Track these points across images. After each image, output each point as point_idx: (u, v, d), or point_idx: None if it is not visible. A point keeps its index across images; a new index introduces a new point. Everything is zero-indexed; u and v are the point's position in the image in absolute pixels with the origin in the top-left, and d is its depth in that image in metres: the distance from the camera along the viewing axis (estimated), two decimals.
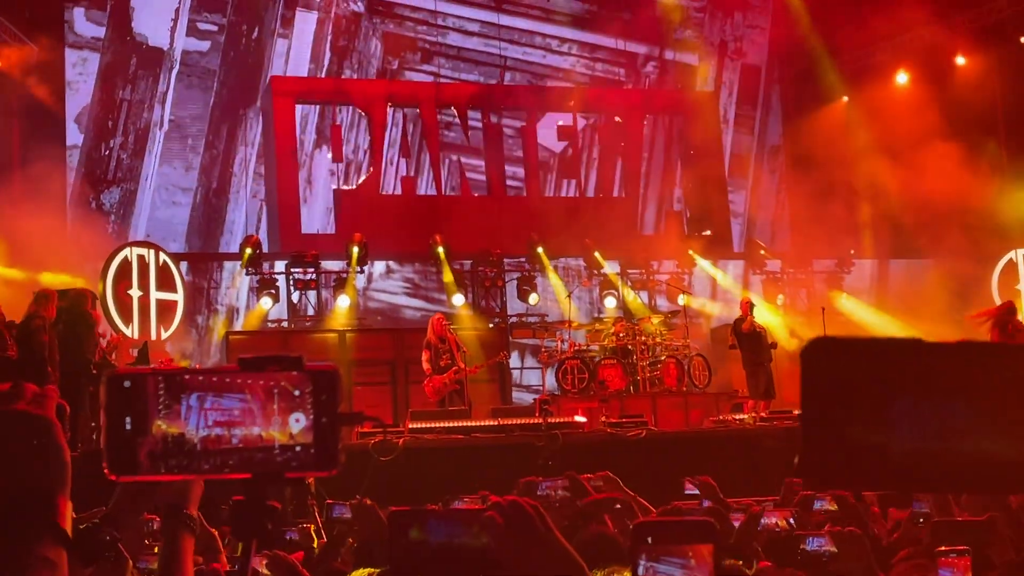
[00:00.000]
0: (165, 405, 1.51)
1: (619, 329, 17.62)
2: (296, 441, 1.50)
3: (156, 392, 1.52)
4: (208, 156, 21.18)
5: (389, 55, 22.48)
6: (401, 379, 17.15)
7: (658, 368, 17.34)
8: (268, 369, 1.52)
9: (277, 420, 1.50)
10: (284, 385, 1.50)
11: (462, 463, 12.15)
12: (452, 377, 14.83)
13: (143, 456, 1.52)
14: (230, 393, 1.50)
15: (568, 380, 16.70)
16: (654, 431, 13.99)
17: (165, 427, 1.51)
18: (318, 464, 1.50)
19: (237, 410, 1.50)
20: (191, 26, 21.30)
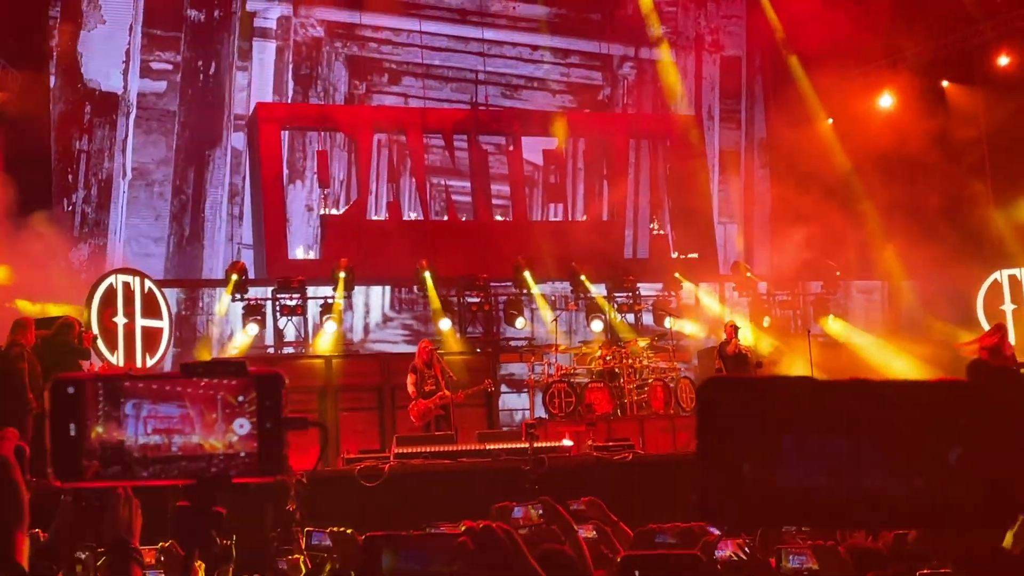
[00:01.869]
0: (104, 412, 1.49)
1: (606, 352, 17.63)
2: (240, 447, 1.48)
3: (95, 399, 1.50)
4: (177, 203, 20.64)
5: (355, 79, 22.21)
6: (388, 405, 17.09)
7: (645, 391, 17.34)
8: (211, 375, 1.50)
9: (221, 426, 1.48)
10: (228, 391, 1.48)
11: (448, 488, 12.10)
12: (437, 403, 14.79)
13: (87, 463, 1.49)
14: (170, 400, 1.48)
15: (555, 404, 16.69)
16: (641, 454, 13.96)
17: (104, 434, 1.48)
18: (263, 469, 1.48)
19: (177, 417, 1.48)
20: (144, 67, 20.63)
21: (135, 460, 1.50)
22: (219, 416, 1.50)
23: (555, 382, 17.01)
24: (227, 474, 1.50)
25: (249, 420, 1.50)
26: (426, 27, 22.45)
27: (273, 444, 1.50)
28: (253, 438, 1.49)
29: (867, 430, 1.04)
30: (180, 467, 1.50)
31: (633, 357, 17.84)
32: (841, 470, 1.03)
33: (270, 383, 1.51)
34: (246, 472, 1.50)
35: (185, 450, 1.50)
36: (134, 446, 1.50)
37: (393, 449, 13.28)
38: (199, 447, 1.49)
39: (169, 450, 1.50)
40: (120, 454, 1.50)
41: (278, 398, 1.50)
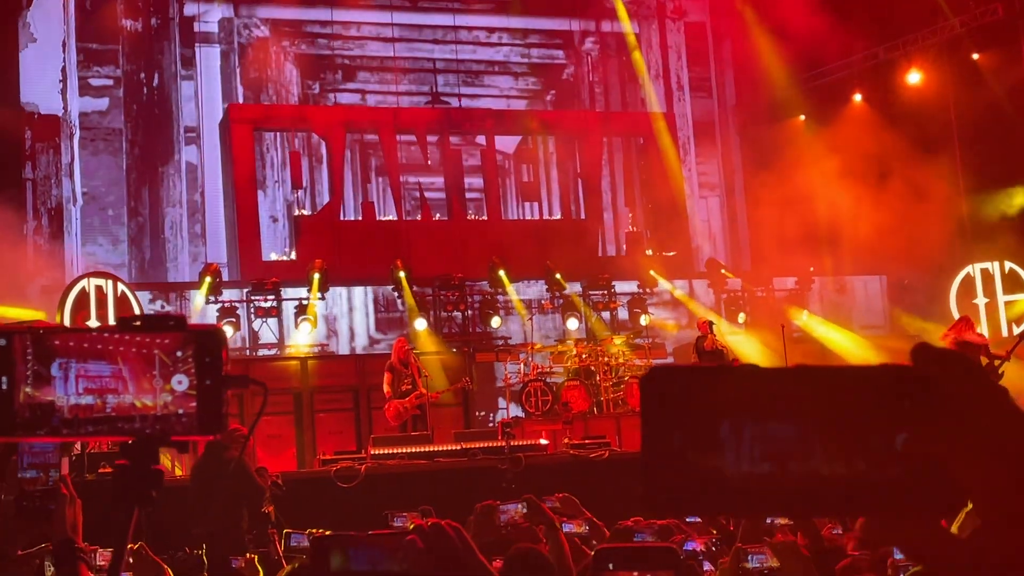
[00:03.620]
0: (33, 371, 1.47)
1: (582, 351, 17.65)
2: (179, 404, 1.45)
3: (24, 355, 1.47)
4: (134, 225, 19.90)
5: (307, 79, 21.69)
6: (364, 405, 17.06)
7: (621, 389, 17.37)
8: (149, 328, 1.47)
9: (158, 382, 1.46)
10: (165, 346, 1.46)
11: (425, 488, 12.08)
12: (413, 402, 14.76)
13: (25, 415, 1.47)
14: (104, 358, 1.46)
15: (531, 403, 16.69)
16: (617, 452, 13.98)
17: (33, 394, 1.46)
18: (202, 427, 1.46)
19: (111, 376, 1.46)
20: (83, 84, 19.70)
21: (66, 422, 1.47)
22: (156, 373, 1.47)
23: (531, 381, 17.01)
24: (166, 432, 1.47)
25: (188, 377, 1.47)
26: (377, 17, 21.79)
27: (213, 402, 1.47)
28: (192, 395, 1.47)
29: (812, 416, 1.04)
30: (116, 427, 1.48)
31: (609, 355, 17.86)
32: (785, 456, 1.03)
33: (210, 338, 1.48)
34: (185, 430, 1.48)
35: (119, 410, 1.47)
36: (65, 407, 1.47)
37: (370, 450, 13.27)
38: (134, 407, 1.47)
39: (103, 410, 1.47)
40: (50, 415, 1.47)
41: (218, 354, 1.48)
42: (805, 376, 1.05)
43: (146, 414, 1.47)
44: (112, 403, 1.46)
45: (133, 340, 1.47)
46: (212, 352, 1.48)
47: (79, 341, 1.48)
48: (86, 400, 1.47)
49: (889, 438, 1.03)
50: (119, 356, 1.47)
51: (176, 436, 1.48)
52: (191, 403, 1.47)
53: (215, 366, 1.47)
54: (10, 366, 1.47)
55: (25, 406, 1.47)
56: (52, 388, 1.47)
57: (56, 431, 1.48)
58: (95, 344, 1.47)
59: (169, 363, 1.47)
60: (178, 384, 1.47)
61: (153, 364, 1.47)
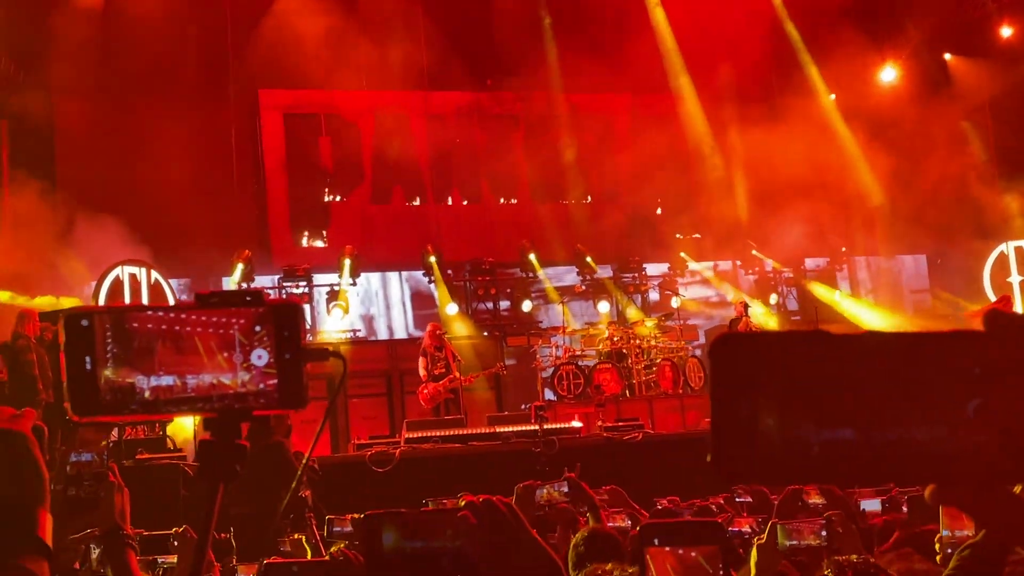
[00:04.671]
0: (113, 353, 1.47)
1: (613, 333, 17.63)
2: (259, 379, 1.46)
3: (104, 337, 1.48)
4: None
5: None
6: (397, 390, 17.12)
7: (653, 371, 17.35)
8: (227, 303, 1.48)
9: (238, 358, 1.46)
10: (244, 321, 1.46)
11: (459, 471, 12.12)
12: (447, 386, 14.81)
13: (107, 397, 1.47)
14: (182, 337, 1.46)
15: (563, 386, 16.70)
16: (651, 434, 13.97)
17: (113, 376, 1.47)
18: (283, 401, 1.46)
19: (188, 355, 1.46)
20: None
21: (146, 403, 1.48)
22: (236, 349, 1.47)
23: (563, 364, 17.02)
24: (248, 408, 1.48)
25: (267, 352, 1.48)
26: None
27: (293, 376, 1.47)
28: (272, 369, 1.47)
29: (884, 382, 1.03)
30: (196, 406, 1.49)
31: (640, 337, 17.84)
32: (869, 423, 1.02)
33: (288, 312, 1.48)
34: (267, 405, 1.48)
35: (199, 390, 1.48)
36: (145, 388, 1.48)
37: (403, 434, 13.30)
38: (213, 385, 1.47)
39: (184, 391, 1.48)
40: (131, 397, 1.48)
41: (296, 328, 1.48)
42: (878, 342, 1.04)
43: (226, 392, 1.47)
44: (192, 383, 1.47)
45: (210, 318, 1.48)
46: (290, 326, 1.48)
47: (156, 321, 1.48)
48: (166, 380, 1.47)
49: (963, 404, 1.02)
50: (196, 335, 1.47)
51: (258, 411, 1.48)
52: (271, 378, 1.47)
53: (294, 340, 1.48)
54: (92, 347, 1.48)
55: (107, 388, 1.48)
56: (131, 369, 1.48)
57: (137, 411, 1.49)
58: (172, 324, 1.48)
59: (247, 339, 1.47)
60: (258, 359, 1.47)
61: (231, 341, 1.47)
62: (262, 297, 1.49)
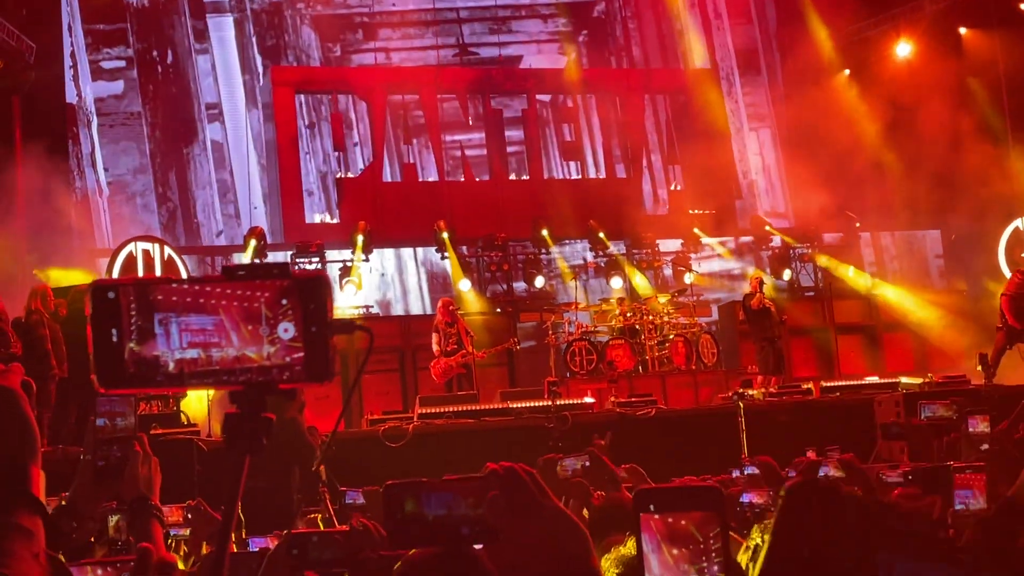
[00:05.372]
0: (137, 326, 1.47)
1: (626, 309, 17.60)
2: (286, 352, 1.45)
3: (128, 309, 1.47)
4: (165, 212, 19.30)
5: (328, 42, 21.01)
6: (409, 366, 17.14)
7: (666, 347, 17.33)
8: (254, 276, 1.47)
9: (264, 330, 1.45)
10: (270, 294, 1.45)
11: (472, 447, 12.13)
12: (459, 360, 14.81)
13: (131, 370, 1.47)
14: (207, 311, 1.45)
15: (576, 362, 16.70)
16: (663, 409, 13.96)
17: (137, 348, 1.46)
18: (310, 375, 1.45)
19: (215, 328, 1.45)
20: (95, 68, 18.86)
21: (170, 376, 1.48)
22: (261, 322, 1.47)
23: (576, 340, 17.01)
24: (274, 380, 1.47)
25: (294, 324, 1.47)
26: None
27: (320, 348, 1.46)
28: (298, 342, 1.46)
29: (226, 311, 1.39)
30: (221, 379, 1.48)
31: (653, 313, 17.82)
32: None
33: (315, 285, 1.47)
34: (293, 378, 1.47)
35: (224, 363, 1.47)
36: (170, 361, 1.47)
37: (416, 410, 13.32)
38: (239, 359, 1.47)
39: (208, 364, 1.47)
40: (155, 370, 1.48)
41: (323, 301, 1.47)
42: None
43: (251, 365, 1.46)
44: (217, 356, 1.46)
45: (236, 291, 1.47)
46: (317, 299, 1.47)
47: (181, 294, 1.47)
48: (190, 354, 1.47)
49: None
50: (221, 308, 1.47)
51: (284, 384, 1.48)
52: (297, 352, 1.46)
53: (320, 312, 1.47)
54: (118, 319, 1.47)
55: (131, 361, 1.48)
56: (155, 343, 1.47)
57: (163, 384, 1.49)
58: (197, 297, 1.47)
59: (273, 312, 1.46)
60: (284, 332, 1.46)
61: (257, 314, 1.46)
62: (288, 270, 1.48)
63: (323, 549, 3.36)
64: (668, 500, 1.56)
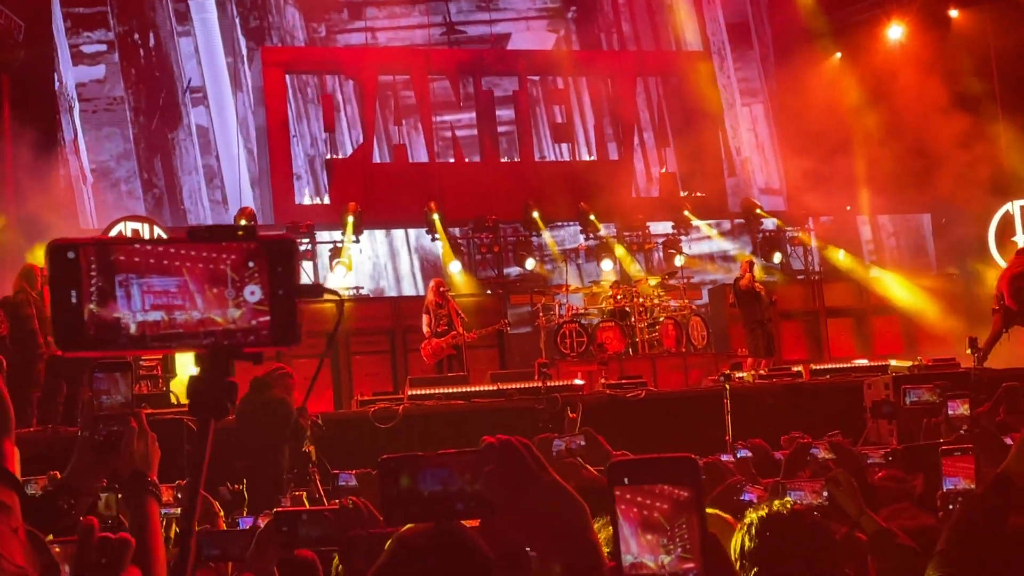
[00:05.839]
0: (98, 287, 1.43)
1: (616, 292, 17.61)
2: (252, 316, 1.42)
3: (89, 270, 1.44)
4: (151, 199, 19.03)
5: (312, 22, 20.77)
6: (400, 347, 17.12)
7: (656, 329, 17.35)
8: (219, 238, 1.44)
9: (230, 293, 1.42)
10: (236, 257, 1.42)
11: (462, 428, 12.13)
12: (450, 341, 14.81)
13: (91, 332, 1.43)
14: (172, 272, 1.42)
15: (566, 344, 16.71)
16: (653, 391, 13.98)
17: (97, 310, 1.43)
18: (276, 338, 1.43)
19: (179, 290, 1.42)
20: (75, 53, 18.48)
21: (132, 339, 1.44)
22: (227, 284, 1.43)
23: (566, 322, 17.01)
24: (238, 344, 1.44)
25: (260, 287, 1.44)
26: None
27: (286, 312, 1.43)
28: (264, 306, 1.44)
29: None
30: (185, 342, 1.45)
31: (644, 296, 17.82)
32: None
33: (282, 248, 1.44)
34: (259, 342, 1.44)
35: (188, 326, 1.44)
36: (131, 323, 1.44)
37: (407, 391, 13.31)
38: (203, 322, 1.43)
39: (172, 327, 1.44)
40: (116, 332, 1.44)
41: (291, 264, 1.44)
42: None
43: (216, 328, 1.43)
44: (180, 318, 1.43)
45: (201, 252, 1.44)
46: (284, 262, 1.44)
47: (144, 255, 1.44)
48: (153, 316, 1.43)
49: None
50: (186, 270, 1.43)
51: (249, 348, 1.45)
52: (263, 315, 1.43)
53: (288, 276, 1.44)
54: (78, 280, 1.44)
55: (91, 323, 1.44)
56: (116, 304, 1.44)
57: (124, 347, 1.45)
58: (161, 258, 1.43)
59: (239, 275, 1.43)
60: (250, 295, 1.43)
61: (223, 276, 1.43)
62: (254, 232, 1.45)
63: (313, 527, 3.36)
64: (643, 472, 1.52)
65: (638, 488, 1.52)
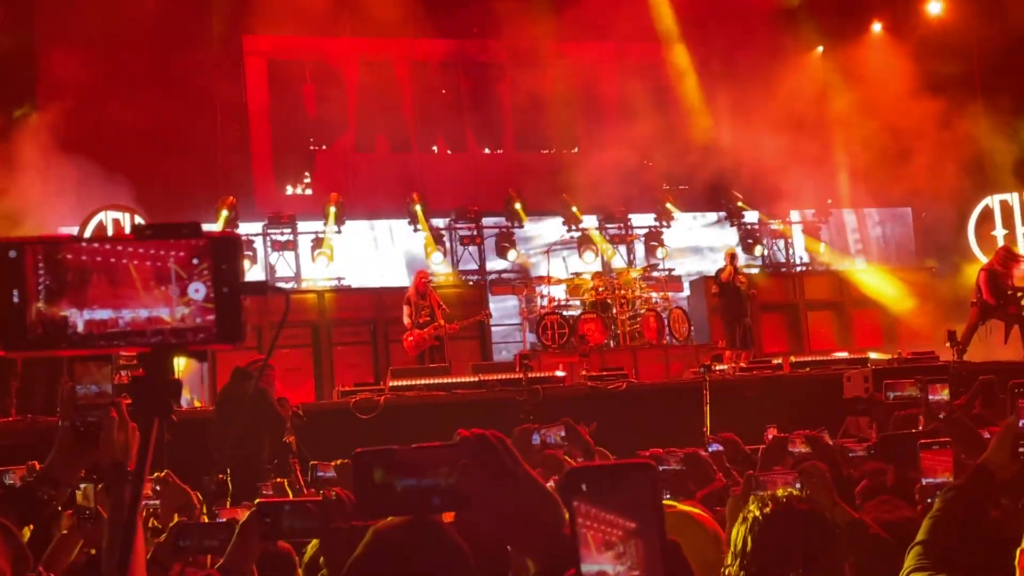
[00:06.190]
0: (45, 286, 1.42)
1: (598, 283, 17.63)
2: (197, 313, 1.42)
3: (36, 268, 1.43)
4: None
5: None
6: (381, 338, 17.11)
7: (638, 321, 17.38)
8: (163, 235, 1.43)
9: (174, 291, 1.42)
10: (181, 255, 1.42)
11: (443, 419, 12.12)
12: (432, 333, 14.82)
13: (38, 331, 1.43)
14: (118, 270, 1.42)
15: (548, 335, 16.73)
16: (634, 383, 14.01)
17: (45, 309, 1.42)
18: (221, 336, 1.43)
19: (126, 288, 1.42)
20: None
21: (80, 337, 1.44)
22: (172, 283, 1.43)
23: (548, 314, 17.03)
24: (185, 342, 1.45)
25: (205, 284, 1.44)
26: None
27: (231, 310, 1.43)
28: (210, 303, 1.44)
29: None
30: (132, 340, 1.45)
31: (625, 288, 17.85)
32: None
33: (227, 245, 1.44)
34: (205, 340, 1.44)
35: (135, 324, 1.44)
36: (78, 321, 1.44)
37: (388, 381, 13.31)
38: (150, 320, 1.43)
39: (119, 325, 1.44)
40: (63, 331, 1.44)
41: (236, 261, 1.44)
42: None
43: (163, 326, 1.43)
44: (128, 317, 1.43)
45: (147, 250, 1.43)
46: (229, 259, 1.44)
47: (91, 254, 1.44)
48: (100, 315, 1.43)
49: None
50: (133, 267, 1.43)
51: (195, 346, 1.45)
52: (209, 313, 1.43)
53: (232, 273, 1.44)
54: (21, 279, 1.43)
55: (37, 322, 1.43)
56: (64, 303, 1.43)
57: (71, 346, 1.45)
58: (108, 256, 1.43)
59: (185, 273, 1.43)
60: (195, 293, 1.43)
61: (168, 274, 1.43)
62: (200, 230, 1.45)
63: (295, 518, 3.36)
64: (600, 478, 1.49)
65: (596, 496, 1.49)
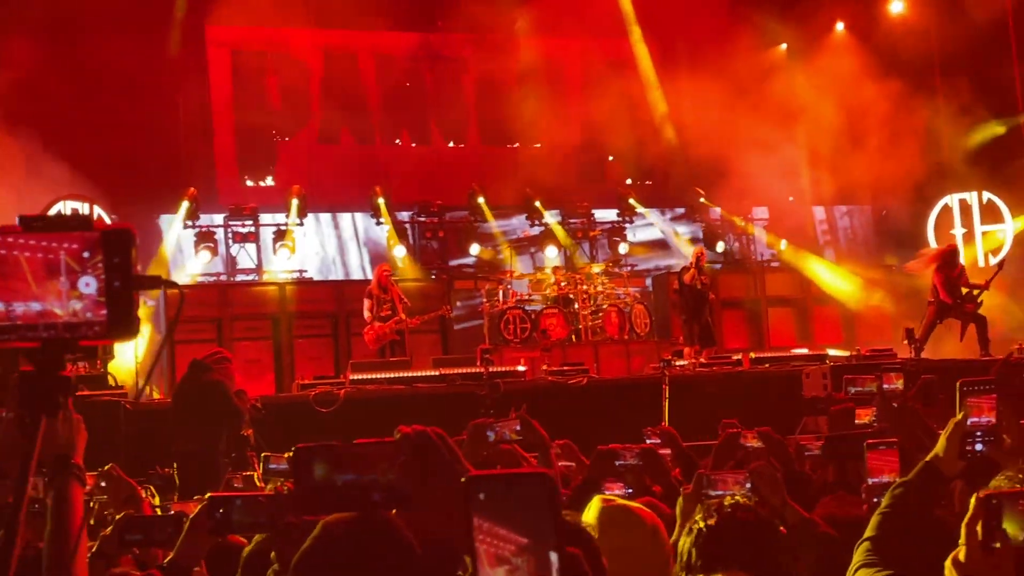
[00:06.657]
0: None
1: (560, 278, 17.65)
2: (88, 308, 1.39)
3: None
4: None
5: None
6: (342, 331, 17.04)
7: (600, 317, 17.42)
8: (52, 228, 1.40)
9: (65, 285, 1.39)
10: (73, 248, 1.39)
11: (404, 413, 12.04)
12: (393, 327, 14.78)
13: None
14: (7, 263, 1.38)
15: (510, 330, 16.73)
16: (595, 378, 14.04)
17: None
18: (112, 331, 1.40)
19: (14, 281, 1.39)
20: None
21: None
22: (63, 276, 1.40)
23: (510, 308, 17.03)
24: (75, 338, 1.42)
25: (96, 278, 1.41)
26: None
27: (123, 305, 1.40)
28: (101, 298, 1.41)
29: None
30: (22, 335, 1.41)
31: (588, 283, 17.88)
32: None
33: (118, 238, 1.41)
34: (97, 335, 1.42)
35: (26, 318, 1.41)
36: None
37: (348, 375, 13.27)
38: (42, 314, 1.40)
39: (10, 319, 1.40)
40: None
41: (127, 255, 1.41)
42: None
43: (55, 321, 1.40)
44: (19, 310, 1.39)
45: (38, 243, 1.40)
46: (121, 253, 1.41)
47: None
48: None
49: None
50: (24, 260, 1.40)
51: (85, 341, 1.41)
52: (101, 308, 1.40)
53: (124, 267, 1.40)
54: None
55: None
56: None
57: None
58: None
59: (77, 266, 1.40)
60: (86, 287, 1.39)
61: (59, 268, 1.40)
62: (91, 222, 1.42)
63: (246, 512, 3.34)
64: (499, 487, 1.48)
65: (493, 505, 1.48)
